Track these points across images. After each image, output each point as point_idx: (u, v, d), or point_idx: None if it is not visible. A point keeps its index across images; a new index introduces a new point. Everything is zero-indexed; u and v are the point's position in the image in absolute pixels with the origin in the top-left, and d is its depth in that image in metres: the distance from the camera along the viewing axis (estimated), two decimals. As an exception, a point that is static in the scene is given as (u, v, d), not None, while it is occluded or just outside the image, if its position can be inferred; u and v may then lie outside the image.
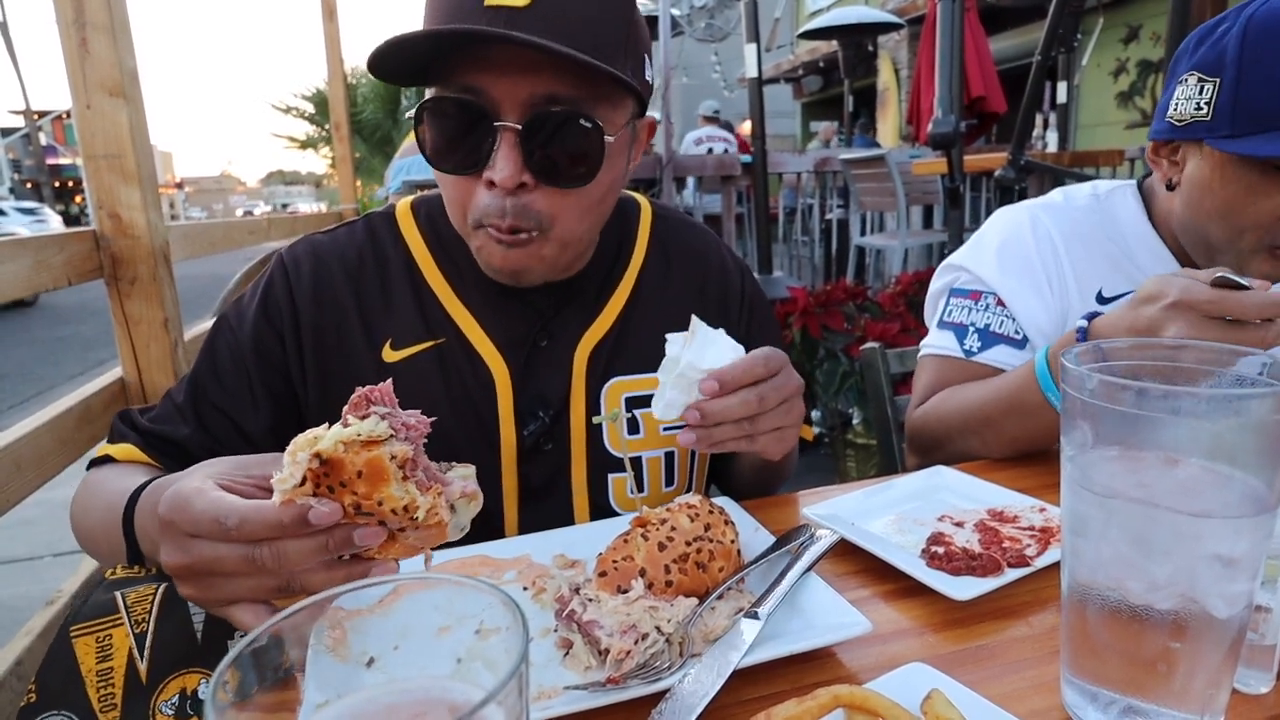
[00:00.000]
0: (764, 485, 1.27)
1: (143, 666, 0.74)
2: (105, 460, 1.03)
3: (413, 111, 1.00)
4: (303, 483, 0.59)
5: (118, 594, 0.76)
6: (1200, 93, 1.16)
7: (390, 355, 1.09)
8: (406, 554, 0.65)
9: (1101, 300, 1.35)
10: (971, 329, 1.37)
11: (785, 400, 0.90)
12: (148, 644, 0.75)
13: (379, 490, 0.59)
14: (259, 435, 1.07)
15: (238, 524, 0.61)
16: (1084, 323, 1.11)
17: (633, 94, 0.98)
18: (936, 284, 1.49)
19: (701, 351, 0.87)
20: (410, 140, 5.01)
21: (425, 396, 1.07)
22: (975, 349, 1.35)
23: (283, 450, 1.09)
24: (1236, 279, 0.95)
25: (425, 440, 0.64)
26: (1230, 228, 1.19)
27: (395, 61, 0.92)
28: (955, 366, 1.37)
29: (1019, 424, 1.19)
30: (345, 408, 0.62)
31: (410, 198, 1.19)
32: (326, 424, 0.61)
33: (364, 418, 0.60)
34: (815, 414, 3.66)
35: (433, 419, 0.65)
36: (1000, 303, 1.36)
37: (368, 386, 0.63)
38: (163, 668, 0.75)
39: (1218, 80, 1.13)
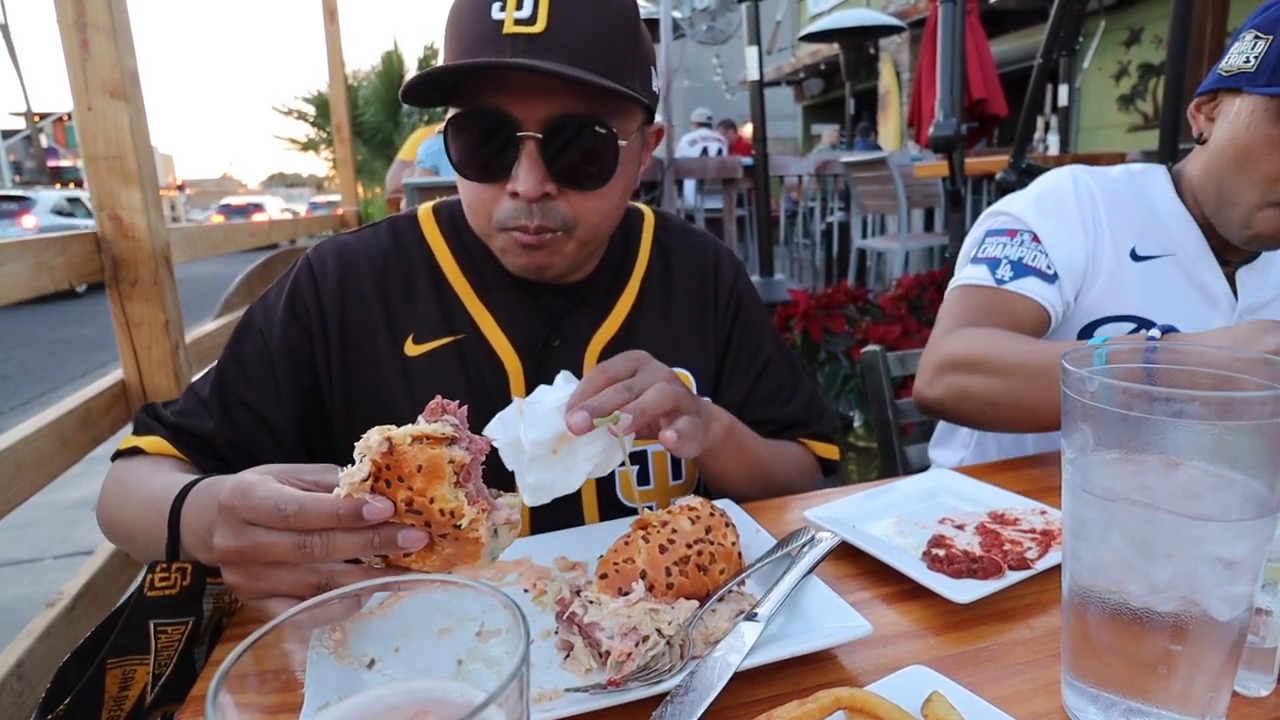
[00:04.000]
0: (761, 485, 1.25)
1: (150, 697, 0.83)
2: (132, 452, 1.05)
3: (442, 119, 1.05)
4: (367, 478, 0.63)
5: (152, 630, 0.82)
6: (1252, 48, 1.23)
7: (412, 350, 1.12)
8: (442, 568, 0.68)
9: (1136, 258, 1.40)
10: (1005, 260, 1.39)
11: (657, 384, 0.90)
12: (161, 682, 0.83)
13: (433, 487, 0.63)
14: (283, 429, 1.10)
15: (297, 511, 0.65)
16: (1157, 332, 1.14)
17: (641, 105, 1.03)
18: (976, 232, 1.50)
19: (534, 422, 0.85)
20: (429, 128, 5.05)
21: (444, 389, 1.09)
22: (1007, 278, 1.37)
23: (306, 445, 1.12)
24: None
25: (484, 464, 0.68)
26: (1243, 178, 1.25)
27: (425, 89, 0.98)
28: (985, 295, 1.38)
29: (1039, 393, 1.14)
30: (423, 413, 0.67)
31: (430, 203, 1.23)
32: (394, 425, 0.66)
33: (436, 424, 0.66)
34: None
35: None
36: (1036, 239, 1.39)
37: (444, 399, 0.68)
38: (162, 698, 0.84)
39: (1270, 38, 1.20)
